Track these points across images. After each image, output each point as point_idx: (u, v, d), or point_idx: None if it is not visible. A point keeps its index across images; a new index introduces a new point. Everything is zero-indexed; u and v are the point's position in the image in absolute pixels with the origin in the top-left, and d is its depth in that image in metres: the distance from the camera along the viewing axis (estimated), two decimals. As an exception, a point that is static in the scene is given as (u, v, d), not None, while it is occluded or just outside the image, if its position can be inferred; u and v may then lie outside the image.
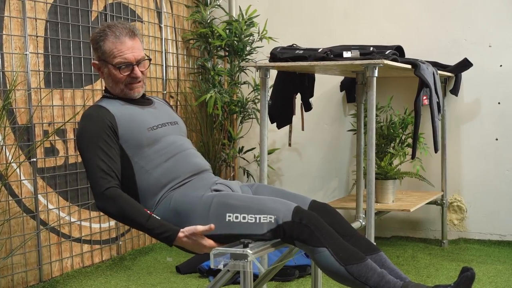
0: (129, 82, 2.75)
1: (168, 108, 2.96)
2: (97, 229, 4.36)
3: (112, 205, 2.54)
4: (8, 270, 3.70)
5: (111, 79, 2.75)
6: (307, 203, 2.70)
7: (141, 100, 2.84)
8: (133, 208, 2.54)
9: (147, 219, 2.52)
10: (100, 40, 2.73)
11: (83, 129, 2.65)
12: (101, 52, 2.73)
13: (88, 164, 2.59)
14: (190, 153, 2.78)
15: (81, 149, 2.64)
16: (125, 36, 2.73)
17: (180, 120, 2.91)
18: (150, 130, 2.70)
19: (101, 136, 2.61)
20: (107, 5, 4.41)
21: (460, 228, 4.92)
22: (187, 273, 4.18)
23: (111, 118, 2.66)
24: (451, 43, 4.84)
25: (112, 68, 2.72)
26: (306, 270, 4.07)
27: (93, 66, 2.80)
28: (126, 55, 2.72)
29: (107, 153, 2.60)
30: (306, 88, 4.17)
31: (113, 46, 2.71)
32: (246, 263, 2.35)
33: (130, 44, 2.74)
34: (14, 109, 3.73)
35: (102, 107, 2.70)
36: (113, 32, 2.72)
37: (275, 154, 5.34)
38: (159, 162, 2.67)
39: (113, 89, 2.77)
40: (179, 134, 2.82)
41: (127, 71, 2.73)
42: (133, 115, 2.72)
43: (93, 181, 2.58)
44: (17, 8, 3.77)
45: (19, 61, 3.77)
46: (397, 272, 2.55)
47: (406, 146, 4.54)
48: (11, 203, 3.71)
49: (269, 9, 5.31)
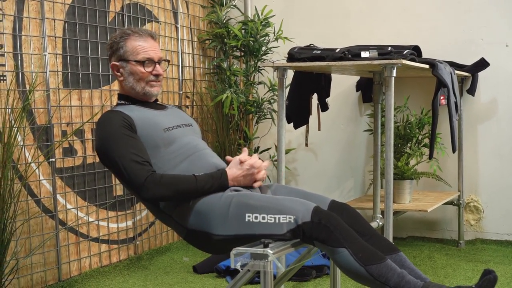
0: (151, 79, 2.83)
1: (181, 112, 3.02)
2: (115, 229, 4.38)
3: (160, 189, 2.57)
4: (28, 270, 3.73)
5: (133, 77, 2.81)
6: (327, 203, 2.71)
7: (155, 104, 2.91)
8: (179, 179, 2.60)
9: (195, 180, 2.59)
10: (121, 40, 2.82)
11: (103, 133, 2.69)
12: (123, 52, 2.81)
13: (120, 162, 2.61)
14: (206, 153, 2.81)
15: (106, 151, 2.67)
16: (147, 36, 2.85)
17: (194, 123, 2.96)
18: (166, 130, 2.74)
19: (122, 133, 2.65)
20: (124, 5, 4.43)
21: (477, 228, 4.91)
22: (204, 273, 4.20)
23: (128, 118, 2.71)
24: (468, 43, 4.83)
25: (135, 65, 2.80)
26: (323, 270, 4.07)
27: (112, 68, 2.86)
28: (149, 52, 2.82)
29: (134, 146, 2.64)
30: (323, 88, 4.17)
31: (136, 44, 2.81)
32: (267, 263, 2.36)
33: (153, 43, 2.86)
34: (33, 110, 3.76)
35: (117, 111, 2.77)
36: (134, 32, 2.84)
37: (291, 154, 5.34)
38: (176, 162, 2.70)
39: (134, 88, 2.83)
40: (194, 135, 2.86)
41: (150, 67, 2.82)
42: (149, 117, 2.77)
43: (132, 176, 2.59)
44: (36, 9, 3.80)
45: (37, 61, 3.80)
46: (417, 272, 2.55)
47: (423, 146, 4.53)
48: (31, 203, 3.74)
49: (284, 9, 5.31)
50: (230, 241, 2.56)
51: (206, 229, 2.59)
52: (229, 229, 2.55)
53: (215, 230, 2.57)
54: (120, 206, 4.43)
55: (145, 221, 4.67)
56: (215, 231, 2.57)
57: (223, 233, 2.56)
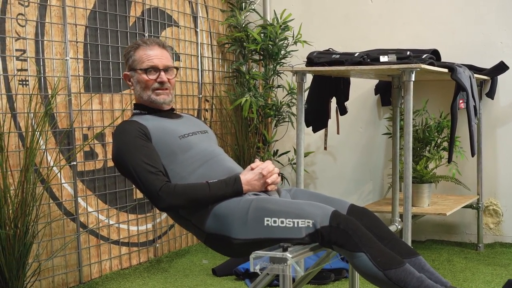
0: (156, 87, 2.88)
1: (196, 119, 3.08)
2: (135, 232, 4.42)
3: (173, 198, 2.62)
4: (49, 272, 3.77)
5: (139, 85, 2.90)
6: (346, 207, 2.72)
7: (170, 113, 2.96)
8: (192, 188, 2.64)
9: (208, 187, 2.63)
10: (131, 50, 2.92)
11: (119, 142, 2.75)
12: (132, 61, 2.90)
13: (135, 172, 2.67)
14: (223, 158, 2.85)
15: (122, 161, 2.73)
16: (154, 45, 2.92)
17: (209, 130, 3.02)
18: (182, 138, 2.79)
19: (138, 142, 2.71)
20: (144, 10, 4.48)
21: (496, 232, 4.89)
22: (223, 275, 4.22)
23: (144, 127, 2.77)
24: (487, 46, 4.82)
25: (141, 73, 2.88)
26: (341, 273, 4.08)
27: (124, 77, 2.97)
28: (153, 60, 2.88)
29: (148, 156, 2.68)
30: (342, 92, 4.19)
31: (143, 53, 2.89)
32: (286, 266, 2.37)
33: (159, 52, 2.92)
34: (55, 114, 3.81)
35: (132, 120, 2.84)
36: (144, 42, 2.93)
37: (310, 157, 5.36)
38: (193, 168, 2.74)
39: (141, 96, 2.90)
40: (210, 142, 2.91)
41: (154, 75, 2.88)
42: (164, 125, 2.82)
43: (146, 186, 2.65)
44: (58, 15, 3.84)
45: (59, 66, 3.85)
46: (437, 276, 2.55)
47: (442, 149, 4.52)
48: (52, 206, 3.78)
49: (303, 13, 5.33)
50: (249, 245, 2.58)
51: (225, 233, 2.61)
52: (248, 233, 2.57)
53: (234, 234, 2.59)
54: (140, 209, 4.47)
55: (165, 223, 4.71)
56: (234, 235, 2.59)
57: (242, 237, 2.58)
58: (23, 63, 3.64)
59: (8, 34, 3.56)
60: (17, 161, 3.55)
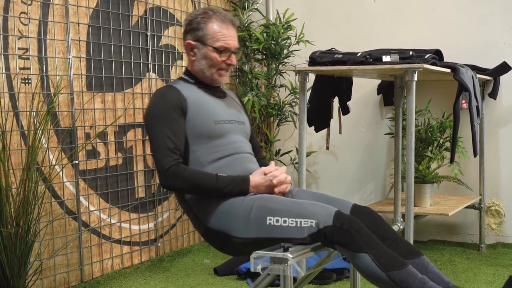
0: (222, 68, 2.80)
1: (238, 106, 2.97)
2: (137, 231, 4.42)
3: (178, 180, 2.59)
4: (51, 271, 3.77)
5: (205, 61, 2.78)
6: (349, 207, 2.71)
7: (217, 89, 2.87)
8: (200, 176, 2.60)
9: (216, 180, 2.59)
10: (202, 21, 2.76)
11: (154, 106, 2.70)
12: (202, 34, 2.76)
13: (155, 141, 2.63)
14: (247, 157, 2.80)
15: (149, 125, 2.68)
16: (229, 23, 2.80)
17: (247, 121, 2.93)
18: (217, 123, 2.72)
19: (171, 114, 2.65)
20: (147, 9, 4.47)
21: (498, 232, 4.89)
22: (225, 275, 4.22)
23: (183, 100, 2.70)
24: (490, 46, 4.81)
25: (211, 51, 2.76)
26: (343, 273, 4.07)
27: (187, 45, 2.81)
28: (228, 41, 2.77)
29: (174, 131, 2.64)
30: (344, 92, 4.19)
31: (218, 29, 2.76)
32: (286, 267, 2.37)
33: (233, 32, 2.81)
34: (57, 113, 3.81)
35: (175, 88, 2.75)
36: (218, 16, 2.78)
37: (312, 156, 5.35)
38: (215, 157, 2.69)
39: (203, 71, 2.79)
40: (242, 135, 2.84)
41: (225, 56, 2.78)
42: (204, 103, 2.75)
43: (159, 159, 2.61)
44: (61, 13, 3.85)
45: (62, 65, 3.85)
46: (440, 276, 2.54)
47: (444, 150, 4.52)
48: (54, 205, 3.79)
49: (306, 13, 5.33)
50: (250, 244, 2.58)
51: (226, 230, 2.61)
52: (249, 232, 2.57)
53: (235, 232, 2.59)
54: (142, 208, 4.47)
55: (167, 223, 4.71)
56: (235, 233, 2.59)
57: (243, 236, 2.58)
58: (25, 62, 3.64)
59: (11, 33, 3.56)
60: (19, 160, 3.55)
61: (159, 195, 4.61)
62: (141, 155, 4.44)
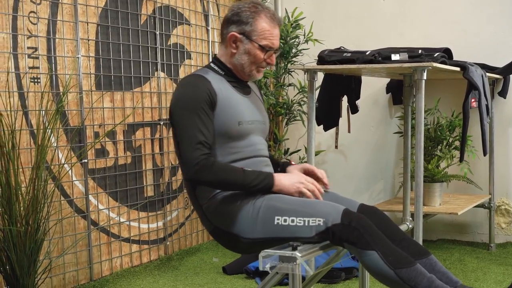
0: (262, 65, 2.75)
1: (260, 101, 2.93)
2: (146, 229, 4.42)
3: (208, 174, 2.53)
4: (60, 269, 3.79)
5: (247, 56, 2.72)
6: (356, 206, 2.70)
7: (244, 84, 2.83)
8: (229, 171, 2.56)
9: (243, 176, 2.55)
10: (251, 16, 2.70)
11: (184, 96, 2.61)
12: (250, 29, 2.69)
13: (185, 132, 2.56)
14: (263, 160, 2.78)
15: (177, 114, 2.60)
16: (277, 22, 2.74)
17: (267, 120, 2.89)
18: (240, 124, 2.68)
19: (201, 105, 2.59)
20: (156, 8, 4.48)
21: (508, 231, 4.87)
22: (233, 273, 4.22)
23: (214, 93, 2.64)
24: (499, 45, 4.79)
25: (256, 48, 2.70)
26: (352, 272, 4.07)
27: (231, 37, 2.72)
28: (274, 41, 2.73)
29: (205, 124, 2.58)
30: (353, 90, 4.18)
31: (267, 28, 2.70)
32: (295, 265, 2.37)
33: (278, 32, 2.76)
34: (66, 112, 3.82)
35: (207, 79, 2.67)
36: (267, 13, 2.72)
37: (321, 155, 5.35)
38: (232, 158, 2.66)
39: (243, 66, 2.73)
40: (261, 135, 2.82)
41: (269, 56, 2.74)
42: (232, 102, 2.69)
43: (187, 151, 2.54)
44: (70, 13, 3.85)
45: (71, 64, 3.86)
46: (448, 275, 2.53)
47: (454, 148, 4.51)
48: (63, 204, 3.79)
49: (315, 12, 5.32)
50: (258, 244, 2.58)
51: (233, 231, 2.60)
52: (257, 232, 2.56)
53: (243, 233, 2.59)
54: (151, 207, 4.48)
55: (176, 222, 4.72)
56: (243, 234, 2.59)
57: (251, 237, 2.58)
58: (34, 61, 3.66)
59: (20, 32, 3.57)
60: (28, 159, 3.56)
61: (167, 194, 4.62)
62: (149, 154, 4.44)
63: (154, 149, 4.49)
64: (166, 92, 4.58)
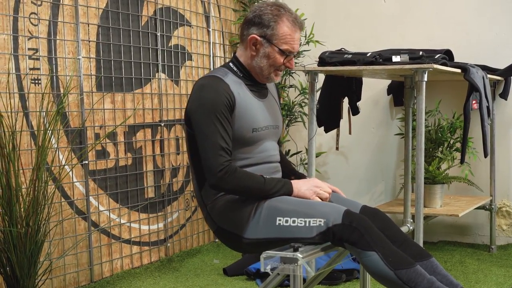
0: (280, 69, 2.72)
1: (276, 103, 2.90)
2: (146, 231, 4.42)
3: (232, 181, 2.53)
4: (61, 270, 3.78)
5: (266, 59, 2.68)
6: (358, 208, 2.70)
7: (262, 87, 2.79)
8: (250, 178, 2.56)
9: (264, 182, 2.56)
10: (273, 19, 2.64)
11: (204, 99, 2.56)
12: (271, 33, 2.64)
13: (206, 138, 2.53)
14: (274, 167, 2.79)
15: (197, 119, 2.56)
16: (299, 26, 2.69)
17: (280, 123, 2.87)
18: (254, 131, 2.66)
19: (221, 110, 2.55)
20: (156, 10, 4.48)
21: (509, 233, 4.86)
22: (234, 275, 4.22)
23: (233, 97, 2.60)
24: (500, 47, 4.79)
25: (276, 52, 2.66)
26: (353, 274, 4.06)
27: (251, 39, 2.67)
28: (295, 46, 2.69)
29: (225, 129, 2.55)
30: (354, 92, 4.18)
31: (288, 32, 2.65)
32: (296, 267, 2.37)
33: (299, 36, 2.72)
34: (67, 113, 3.81)
35: (225, 82, 2.63)
36: (289, 16, 2.67)
37: (321, 157, 5.35)
38: (242, 164, 2.66)
39: (262, 69, 2.70)
40: (274, 139, 2.81)
41: (288, 60, 2.70)
42: (249, 108, 2.66)
43: (210, 158, 2.52)
44: (71, 14, 3.85)
45: (72, 65, 3.86)
46: (449, 278, 2.53)
47: (454, 150, 4.50)
48: (64, 205, 3.79)
49: (316, 13, 5.32)
50: (260, 244, 2.58)
51: (236, 231, 2.61)
52: (259, 233, 2.57)
53: (245, 233, 2.59)
54: (152, 208, 4.47)
55: (176, 223, 4.71)
56: (245, 234, 2.59)
57: (253, 237, 2.58)
58: (35, 62, 3.65)
59: (21, 33, 3.57)
60: (29, 160, 3.56)
61: (168, 195, 4.62)
62: (150, 155, 4.44)
63: (155, 151, 4.49)
64: (167, 94, 4.58)
